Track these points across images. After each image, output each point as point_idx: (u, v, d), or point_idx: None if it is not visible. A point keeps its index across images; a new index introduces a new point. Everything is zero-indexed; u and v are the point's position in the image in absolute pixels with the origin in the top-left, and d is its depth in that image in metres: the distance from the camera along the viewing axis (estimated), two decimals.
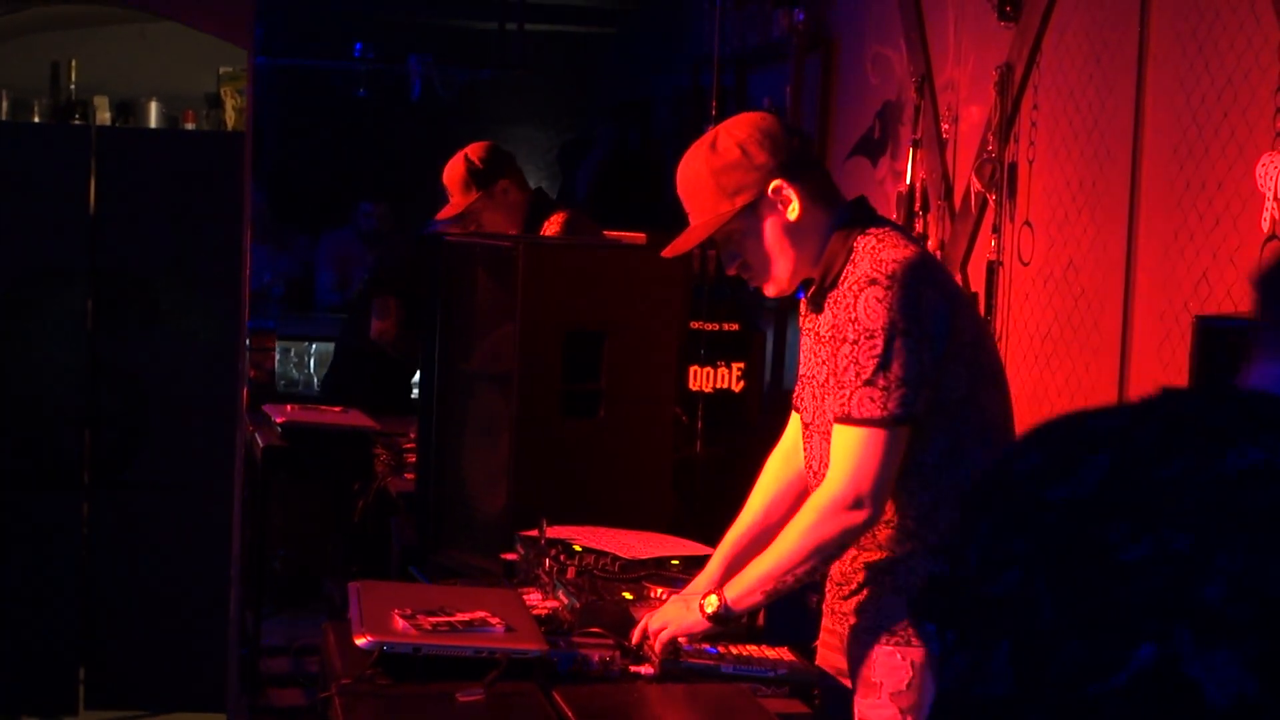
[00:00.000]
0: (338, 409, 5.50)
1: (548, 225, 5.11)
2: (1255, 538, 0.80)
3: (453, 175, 5.22)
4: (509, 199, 5.20)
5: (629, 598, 3.01)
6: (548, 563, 3.16)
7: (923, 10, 5.34)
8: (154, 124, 5.55)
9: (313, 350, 7.66)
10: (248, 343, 5.49)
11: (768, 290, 2.85)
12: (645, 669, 2.77)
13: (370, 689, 2.60)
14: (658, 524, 3.56)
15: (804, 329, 2.90)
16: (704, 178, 2.78)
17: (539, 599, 3.08)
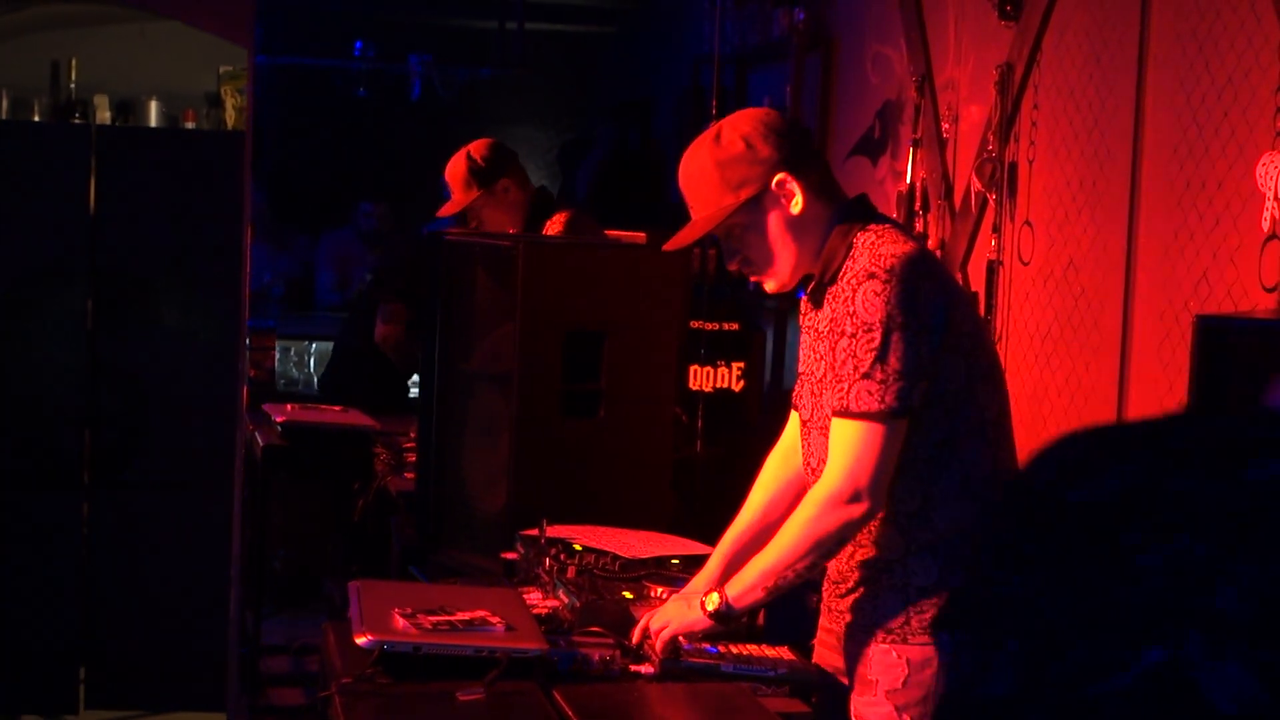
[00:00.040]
0: (338, 408, 5.50)
1: (550, 225, 5.10)
2: (1273, 548, 0.80)
3: (454, 172, 5.21)
4: (510, 198, 5.20)
5: (629, 597, 3.01)
6: (548, 562, 3.16)
7: (923, 10, 5.34)
8: (154, 123, 5.55)
9: (313, 349, 7.66)
10: (248, 342, 5.48)
11: (768, 285, 2.84)
12: (645, 668, 2.77)
13: (370, 688, 2.60)
14: (658, 523, 3.56)
15: (803, 326, 2.90)
16: (708, 171, 2.77)
17: (539, 598, 3.08)
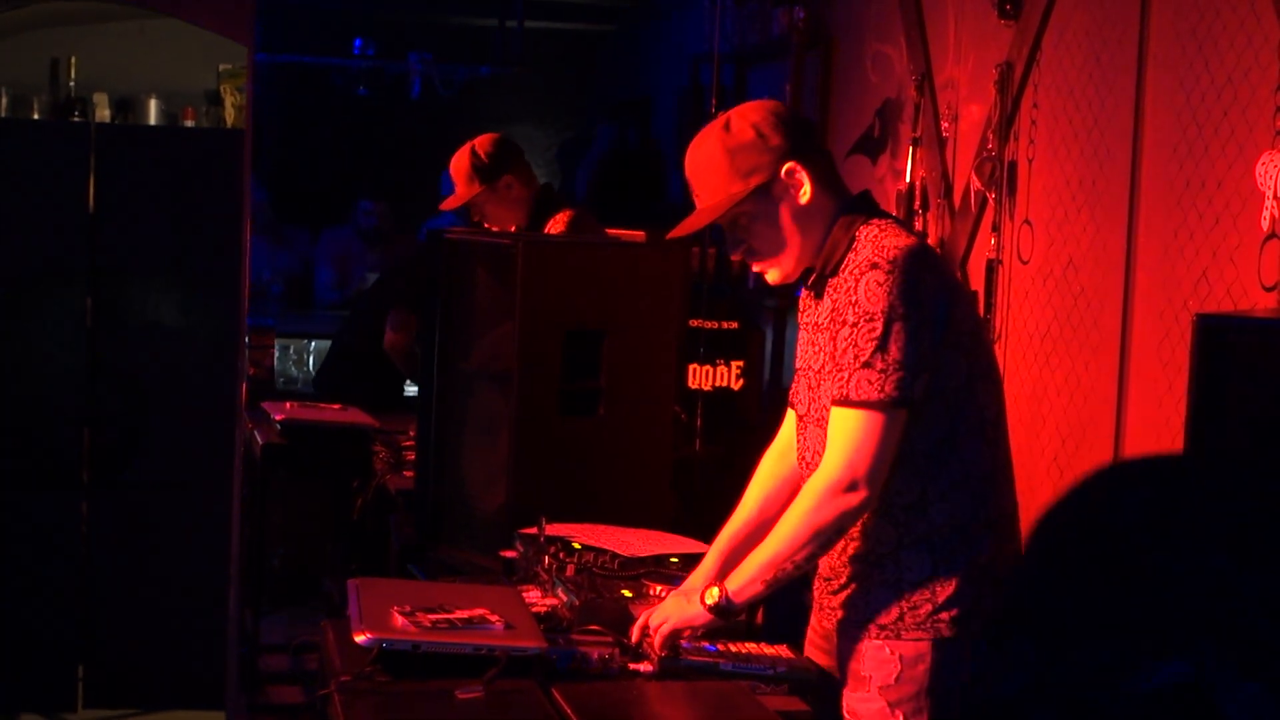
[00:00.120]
0: (336, 406, 5.50)
1: (552, 224, 5.09)
2: None
3: (458, 167, 5.21)
4: (513, 194, 5.19)
5: (628, 595, 3.01)
6: (547, 560, 3.16)
7: (923, 8, 5.33)
8: (153, 121, 5.54)
9: (312, 348, 7.65)
10: (247, 340, 5.48)
11: (770, 276, 2.84)
12: (644, 666, 2.76)
13: (369, 686, 2.60)
14: (657, 522, 3.56)
15: (802, 323, 2.89)
16: (717, 158, 2.76)
17: (538, 596, 3.08)
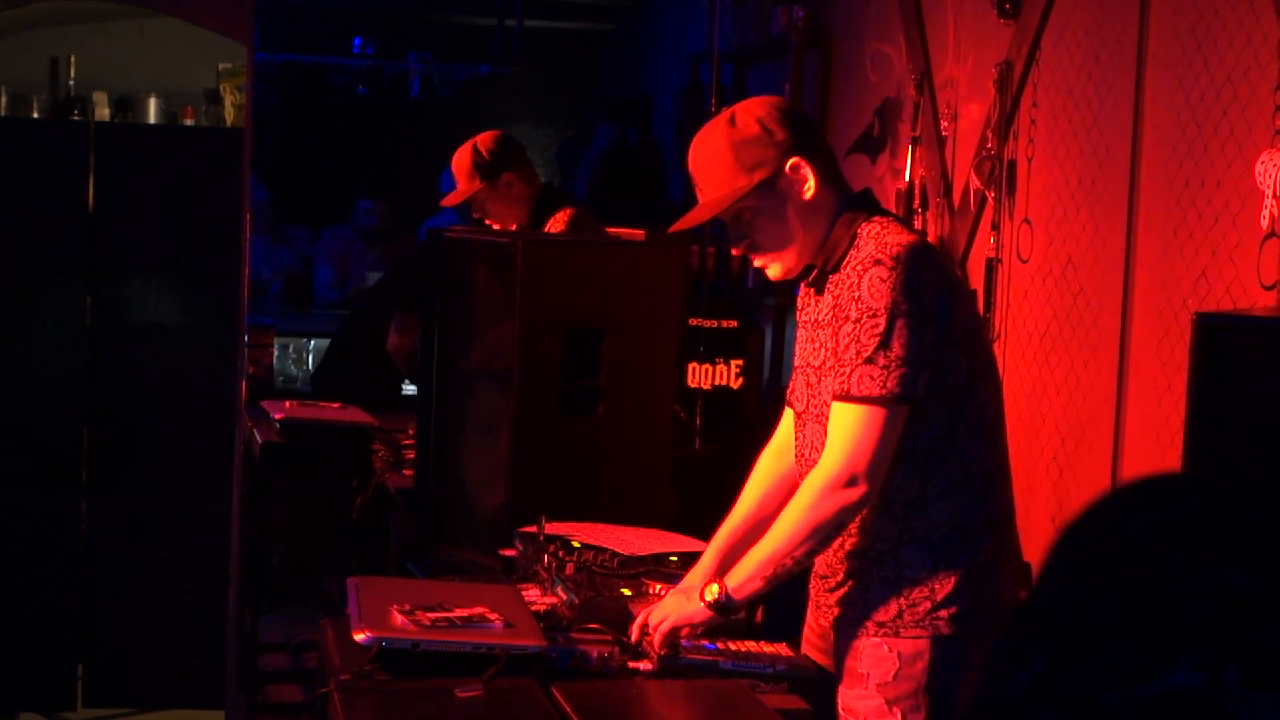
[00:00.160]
0: (336, 405, 5.50)
1: (552, 222, 5.09)
2: None
3: (460, 163, 5.21)
4: (514, 192, 5.19)
5: (627, 594, 3.01)
6: (546, 559, 3.16)
7: (922, 7, 5.33)
8: (153, 120, 5.54)
9: (311, 346, 7.65)
10: (246, 339, 5.48)
11: (771, 271, 2.83)
12: (644, 665, 2.76)
13: (369, 685, 2.60)
14: (656, 520, 3.56)
15: (801, 321, 2.89)
16: (722, 152, 2.76)
17: (537, 595, 3.08)
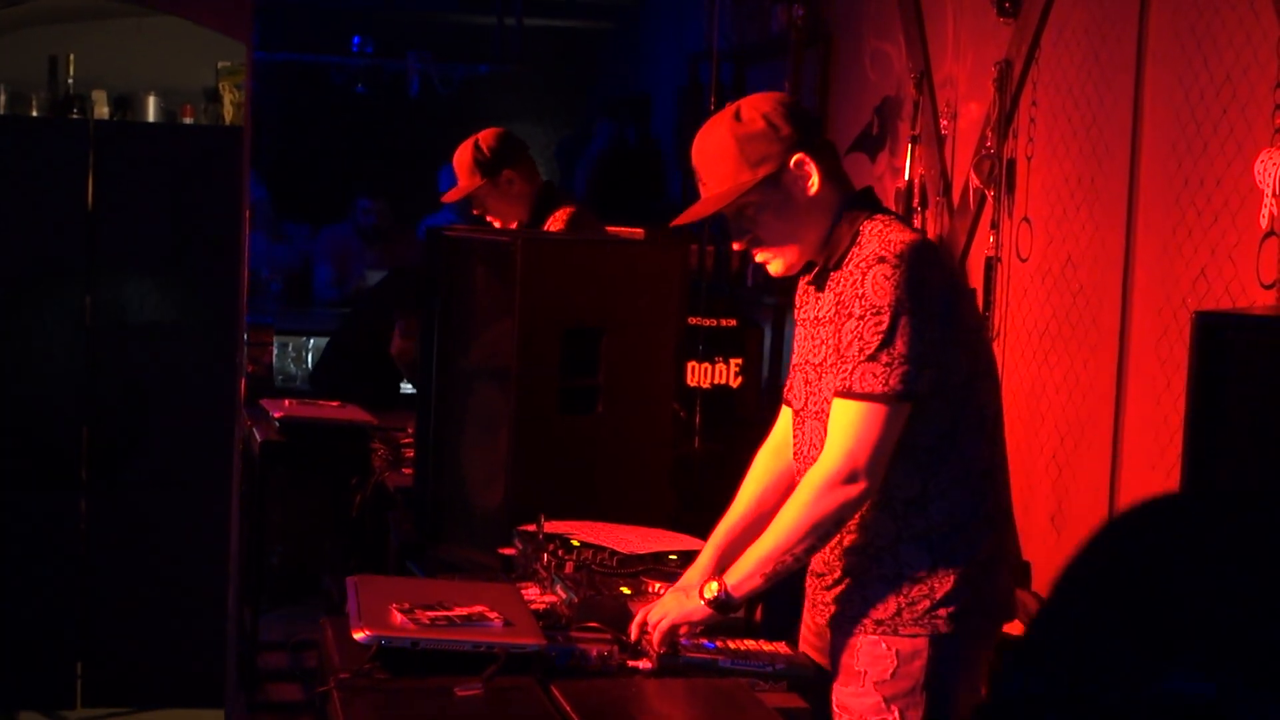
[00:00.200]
0: (335, 403, 5.50)
1: (551, 220, 5.09)
2: None
3: (461, 159, 5.22)
4: (514, 189, 5.19)
5: (627, 592, 3.01)
6: (546, 558, 3.16)
7: (921, 6, 5.33)
8: (152, 118, 5.53)
9: (310, 345, 7.65)
10: (245, 337, 5.48)
11: (773, 267, 2.83)
12: (643, 664, 2.76)
13: (368, 683, 2.60)
14: (656, 519, 3.55)
15: (800, 318, 2.89)
16: (727, 146, 2.76)
17: (537, 594, 3.08)
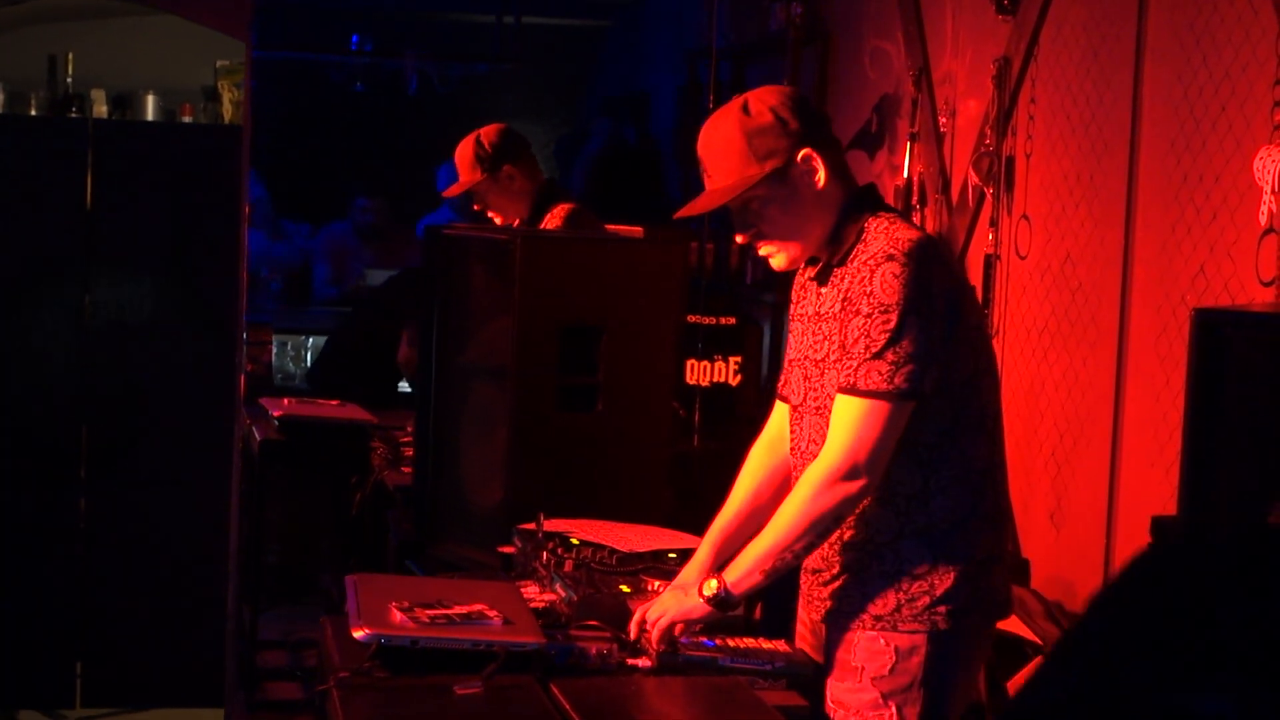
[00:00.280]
0: (334, 402, 5.50)
1: (549, 217, 5.09)
2: None
3: (462, 154, 5.22)
4: (514, 186, 5.18)
5: (626, 591, 3.01)
6: (545, 556, 3.16)
7: (920, 4, 5.33)
8: (151, 117, 5.53)
9: (309, 344, 7.65)
10: (244, 336, 5.47)
11: (776, 262, 2.83)
12: (642, 662, 2.76)
13: (368, 682, 2.60)
14: (655, 517, 3.55)
15: (797, 314, 2.89)
16: (734, 140, 2.75)
17: (536, 592, 3.08)
